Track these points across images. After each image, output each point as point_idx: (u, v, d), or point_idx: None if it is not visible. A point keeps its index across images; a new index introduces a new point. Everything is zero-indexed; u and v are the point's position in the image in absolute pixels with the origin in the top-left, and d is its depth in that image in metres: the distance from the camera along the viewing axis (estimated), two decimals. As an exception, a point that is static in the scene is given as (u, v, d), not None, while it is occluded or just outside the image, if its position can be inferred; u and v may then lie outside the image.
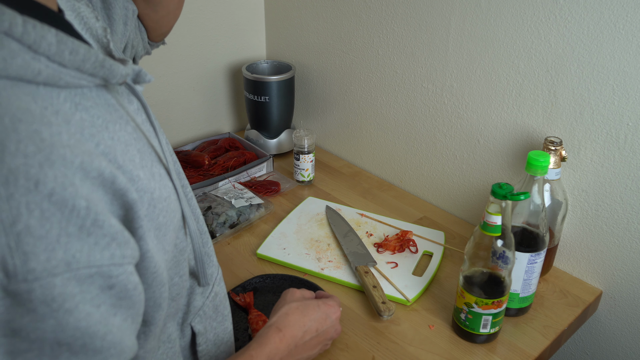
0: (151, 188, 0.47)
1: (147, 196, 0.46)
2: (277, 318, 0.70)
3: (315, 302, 0.75)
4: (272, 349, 0.66)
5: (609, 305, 1.01)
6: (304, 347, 0.71)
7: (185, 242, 0.57)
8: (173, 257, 0.54)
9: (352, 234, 1.10)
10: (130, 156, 0.45)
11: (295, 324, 0.70)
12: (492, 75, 1.03)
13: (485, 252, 0.81)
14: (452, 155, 1.17)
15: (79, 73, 0.42)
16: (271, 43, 1.51)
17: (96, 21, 0.55)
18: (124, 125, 0.47)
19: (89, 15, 0.55)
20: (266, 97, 1.35)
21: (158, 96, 1.35)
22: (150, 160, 0.49)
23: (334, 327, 0.76)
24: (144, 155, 0.48)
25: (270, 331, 0.68)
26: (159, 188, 0.49)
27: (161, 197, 0.49)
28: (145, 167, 0.47)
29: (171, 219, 0.51)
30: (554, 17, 0.91)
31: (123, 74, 0.46)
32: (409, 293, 0.96)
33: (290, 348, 0.68)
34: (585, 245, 1.00)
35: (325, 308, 0.75)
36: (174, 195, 0.52)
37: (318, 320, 0.73)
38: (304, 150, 1.27)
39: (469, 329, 0.86)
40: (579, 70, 0.91)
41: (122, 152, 0.45)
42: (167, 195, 0.50)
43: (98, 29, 0.54)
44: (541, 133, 1.00)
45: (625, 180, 0.92)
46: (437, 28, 1.09)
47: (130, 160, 0.45)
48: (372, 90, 1.28)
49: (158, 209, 0.48)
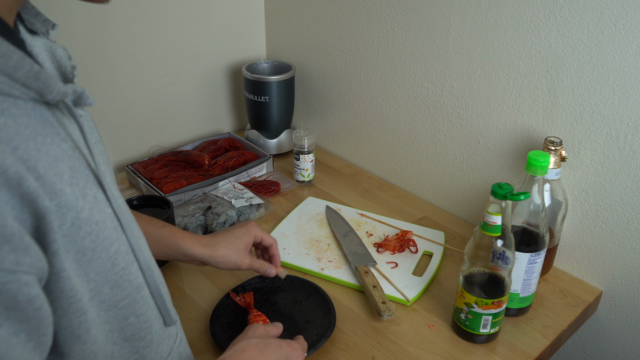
0: (77, 207, 0.45)
1: (70, 214, 0.45)
2: (232, 352, 0.66)
3: (277, 342, 0.70)
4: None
5: (609, 305, 1.01)
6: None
7: (142, 278, 0.55)
8: (129, 295, 0.53)
9: (352, 234, 1.10)
10: (57, 170, 0.44)
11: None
12: (492, 75, 1.03)
13: (485, 252, 0.81)
14: (452, 155, 1.17)
15: (10, 80, 0.41)
16: (271, 43, 1.51)
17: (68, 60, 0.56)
18: (59, 141, 0.46)
19: (62, 55, 0.56)
20: (266, 97, 1.35)
21: (158, 96, 1.35)
22: (85, 181, 0.48)
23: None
24: (77, 174, 0.47)
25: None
26: (89, 210, 0.47)
27: (90, 220, 0.47)
28: (75, 185, 0.46)
29: (104, 246, 0.49)
30: (554, 17, 0.91)
31: (61, 92, 0.45)
32: (409, 293, 0.96)
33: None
34: (585, 245, 1.00)
35: (287, 350, 0.70)
36: (111, 223, 0.50)
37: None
38: (304, 150, 1.27)
39: (469, 329, 0.86)
40: (579, 70, 0.91)
41: (47, 164, 0.43)
42: (100, 219, 0.48)
43: (67, 67, 0.55)
44: (541, 133, 1.00)
45: (625, 180, 0.92)
46: (437, 28, 1.09)
47: (56, 174, 0.44)
48: (372, 90, 1.28)
49: (84, 231, 0.46)
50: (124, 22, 1.22)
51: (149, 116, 1.35)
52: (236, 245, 0.86)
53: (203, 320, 0.91)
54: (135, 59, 1.27)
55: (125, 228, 0.52)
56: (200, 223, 1.11)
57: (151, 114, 1.36)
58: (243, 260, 0.86)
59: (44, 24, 0.56)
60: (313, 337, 0.86)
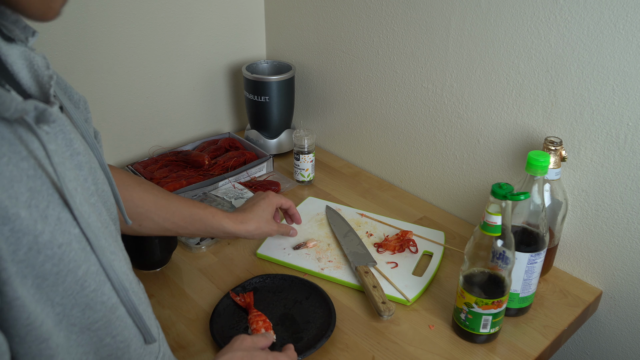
0: (35, 230, 0.43)
1: (26, 238, 0.43)
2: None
3: (264, 354, 0.69)
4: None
5: (609, 305, 1.01)
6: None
7: (116, 297, 0.53)
8: (103, 317, 0.51)
9: (352, 234, 1.10)
10: (12, 192, 0.42)
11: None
12: (492, 75, 1.03)
13: (485, 252, 0.81)
14: (452, 155, 1.17)
15: None
16: (271, 43, 1.51)
17: (46, 69, 0.54)
18: (18, 161, 0.44)
19: (40, 64, 0.54)
20: (266, 97, 1.35)
21: (158, 96, 1.35)
22: (47, 201, 0.46)
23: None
24: (37, 195, 0.45)
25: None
26: (51, 232, 0.45)
27: (52, 243, 0.45)
28: (33, 207, 0.44)
29: (69, 269, 0.47)
30: (554, 17, 0.91)
31: (18, 109, 0.43)
32: (409, 293, 0.96)
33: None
34: (585, 245, 1.00)
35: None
36: (78, 244, 0.48)
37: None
38: (304, 150, 1.27)
39: (469, 329, 0.86)
40: (579, 70, 0.91)
41: (1, 186, 0.41)
42: (63, 241, 0.46)
43: (44, 77, 0.53)
44: (541, 133, 1.00)
45: (625, 180, 0.92)
46: (437, 28, 1.09)
47: (10, 196, 0.42)
48: (372, 90, 1.28)
49: (43, 255, 0.44)
50: (123, 22, 1.22)
51: (149, 116, 1.35)
52: (264, 218, 0.97)
53: (203, 320, 0.91)
54: (135, 59, 1.27)
55: (95, 248, 0.50)
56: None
57: (151, 114, 1.36)
58: (272, 228, 0.99)
59: (24, 31, 0.54)
60: (313, 337, 0.86)
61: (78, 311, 0.49)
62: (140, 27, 1.25)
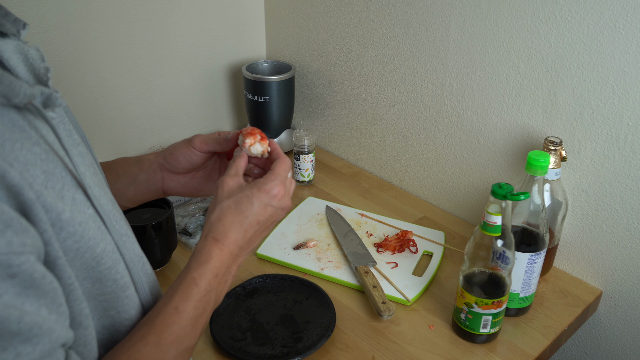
0: (57, 208, 0.45)
1: (50, 214, 0.45)
2: (211, 226, 0.63)
3: (248, 193, 0.64)
4: (214, 263, 0.60)
5: (609, 305, 1.01)
6: (250, 242, 0.65)
7: (129, 276, 0.54)
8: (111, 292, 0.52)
9: (352, 234, 1.10)
10: (28, 175, 0.44)
11: (232, 226, 0.63)
12: (492, 75, 1.03)
13: (485, 252, 0.81)
14: (452, 155, 1.17)
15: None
16: (271, 43, 1.51)
17: (41, 62, 0.55)
18: (30, 146, 0.45)
19: (34, 56, 0.55)
20: (266, 97, 1.35)
21: (158, 96, 1.35)
22: (62, 183, 0.48)
23: (279, 208, 0.67)
24: (52, 177, 0.47)
25: (207, 244, 0.61)
26: (70, 211, 0.47)
27: (72, 221, 0.47)
28: (50, 189, 0.46)
29: (89, 246, 0.49)
30: (554, 17, 0.91)
31: (27, 94, 0.45)
32: (409, 293, 0.96)
33: (234, 253, 0.63)
34: (585, 245, 1.00)
35: (261, 197, 0.64)
36: (94, 223, 0.50)
37: (257, 213, 0.64)
38: (304, 150, 1.27)
39: (469, 329, 0.86)
40: (579, 70, 0.91)
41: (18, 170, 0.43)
42: (82, 220, 0.48)
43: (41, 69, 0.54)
44: (541, 133, 1.00)
45: (625, 180, 0.92)
46: (437, 28, 1.09)
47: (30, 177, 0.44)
48: (372, 90, 1.28)
49: (65, 232, 0.46)
50: (123, 21, 1.22)
51: (148, 116, 1.35)
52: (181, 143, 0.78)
53: (203, 320, 0.91)
54: (135, 58, 1.27)
55: (110, 227, 0.52)
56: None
57: (151, 114, 1.36)
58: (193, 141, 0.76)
59: (14, 24, 0.54)
60: (313, 337, 0.86)
61: (89, 283, 0.50)
62: (140, 27, 1.25)
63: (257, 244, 0.67)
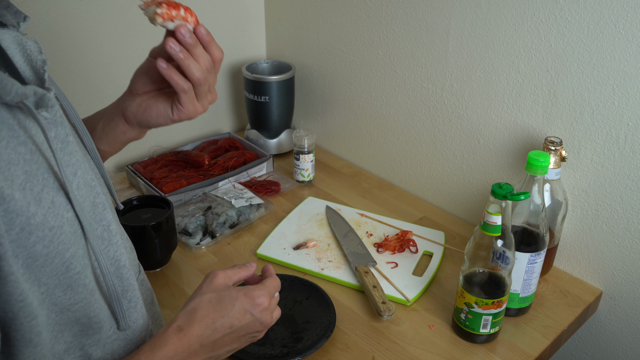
0: (28, 212, 0.45)
1: (19, 219, 0.44)
2: (182, 314, 0.61)
3: (233, 294, 0.63)
4: (167, 351, 0.57)
5: (609, 305, 1.01)
6: (215, 345, 0.61)
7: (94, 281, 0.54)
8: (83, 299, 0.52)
9: (352, 234, 1.10)
10: (8, 175, 0.44)
11: (202, 320, 0.60)
12: (492, 75, 1.03)
13: (485, 252, 0.81)
14: (452, 155, 1.17)
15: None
16: (271, 43, 1.51)
17: (39, 54, 0.55)
18: (15, 145, 0.45)
19: (33, 48, 0.55)
20: (266, 97, 1.35)
21: (158, 96, 1.35)
22: (42, 185, 0.47)
23: (258, 320, 0.64)
24: (33, 178, 0.46)
25: (168, 330, 0.59)
26: (44, 215, 0.46)
27: (43, 225, 0.46)
28: (27, 190, 0.45)
29: (58, 251, 0.48)
30: (554, 17, 0.91)
31: (19, 93, 0.45)
32: (409, 293, 0.96)
33: (192, 348, 0.59)
34: (585, 245, 1.00)
35: (244, 302, 0.63)
36: (70, 228, 0.50)
37: (233, 316, 0.62)
38: (304, 150, 1.27)
39: (469, 329, 0.86)
40: (579, 70, 0.91)
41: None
42: (55, 224, 0.48)
43: (38, 61, 0.55)
44: (541, 133, 1.00)
45: (625, 180, 0.92)
46: (437, 28, 1.09)
47: (6, 178, 0.43)
48: (372, 90, 1.28)
49: (35, 237, 0.46)
50: (123, 21, 1.22)
51: (149, 116, 1.35)
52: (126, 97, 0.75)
53: (203, 320, 0.91)
54: (135, 58, 1.27)
55: (87, 232, 0.51)
56: (200, 223, 1.11)
57: (151, 114, 1.36)
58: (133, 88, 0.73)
59: (15, 16, 0.55)
60: (313, 337, 0.86)
61: (60, 291, 0.50)
62: (140, 27, 1.25)
63: (222, 352, 0.63)
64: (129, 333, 0.61)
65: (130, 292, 0.61)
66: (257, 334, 0.66)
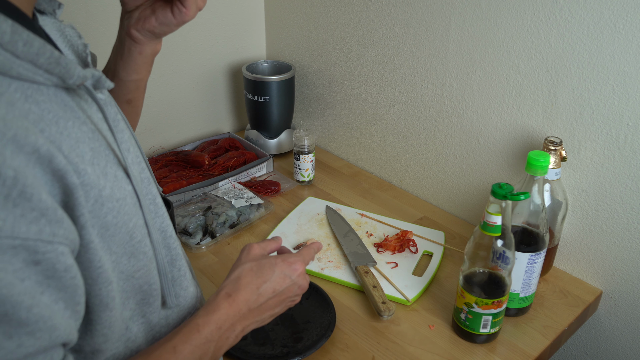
0: (99, 185, 0.48)
1: (93, 191, 0.47)
2: (228, 282, 0.65)
3: (272, 261, 0.68)
4: (220, 315, 0.62)
5: (609, 305, 1.01)
6: (260, 309, 0.66)
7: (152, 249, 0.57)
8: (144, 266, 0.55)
9: (352, 234, 1.10)
10: (79, 151, 0.47)
11: (248, 287, 0.65)
12: (492, 75, 1.03)
13: (485, 252, 0.81)
14: (452, 155, 1.17)
15: (33, 67, 0.44)
16: (271, 43, 1.51)
17: (78, 39, 0.58)
18: (79, 124, 0.48)
19: (72, 34, 0.58)
20: (266, 97, 1.35)
21: (158, 96, 1.35)
22: (106, 160, 0.50)
23: (296, 284, 0.69)
24: (98, 155, 0.49)
25: (218, 297, 0.63)
26: (111, 187, 0.50)
27: (112, 197, 0.49)
28: (96, 165, 0.48)
29: (125, 221, 0.51)
30: (554, 17, 0.91)
31: (81, 76, 0.47)
32: (409, 293, 0.96)
33: (242, 312, 0.64)
34: (585, 245, 1.00)
35: (283, 267, 0.68)
36: (131, 200, 0.53)
37: (275, 280, 0.67)
38: (304, 150, 1.27)
39: (469, 329, 0.86)
40: (579, 70, 0.91)
41: (69, 145, 0.46)
42: (120, 196, 0.51)
43: (79, 45, 0.57)
44: (541, 133, 1.00)
45: (625, 180, 0.92)
46: (437, 28, 1.09)
47: (78, 155, 0.46)
48: (372, 90, 1.28)
49: (106, 208, 0.49)
50: (124, 22, 1.22)
51: (148, 116, 1.35)
52: None
53: (203, 320, 0.91)
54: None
55: (143, 204, 0.55)
56: (200, 223, 1.11)
57: (151, 114, 1.36)
58: None
59: (50, 4, 0.57)
60: (313, 337, 0.86)
61: (126, 259, 0.53)
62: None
63: (266, 316, 0.67)
64: (181, 300, 0.64)
65: (178, 261, 0.63)
66: (296, 298, 0.71)
